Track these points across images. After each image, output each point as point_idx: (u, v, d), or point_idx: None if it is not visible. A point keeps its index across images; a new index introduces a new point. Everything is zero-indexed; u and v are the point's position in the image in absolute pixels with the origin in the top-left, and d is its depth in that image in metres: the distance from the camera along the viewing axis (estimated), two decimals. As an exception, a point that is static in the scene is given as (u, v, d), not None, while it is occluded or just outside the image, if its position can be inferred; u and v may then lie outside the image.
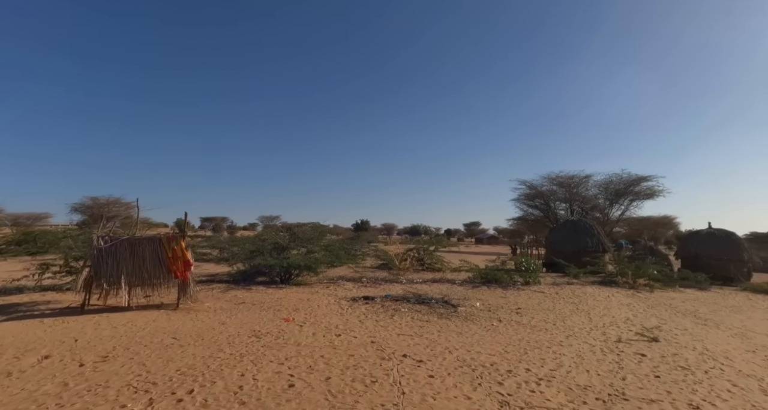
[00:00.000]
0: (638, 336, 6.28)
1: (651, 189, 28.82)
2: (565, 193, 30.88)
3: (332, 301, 8.79)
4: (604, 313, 8.16)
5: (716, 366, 4.96)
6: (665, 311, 8.74)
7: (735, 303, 10.48)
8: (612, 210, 30.16)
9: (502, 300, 9.34)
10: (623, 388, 4.06)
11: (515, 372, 4.44)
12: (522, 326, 6.81)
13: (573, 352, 5.30)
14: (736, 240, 16.61)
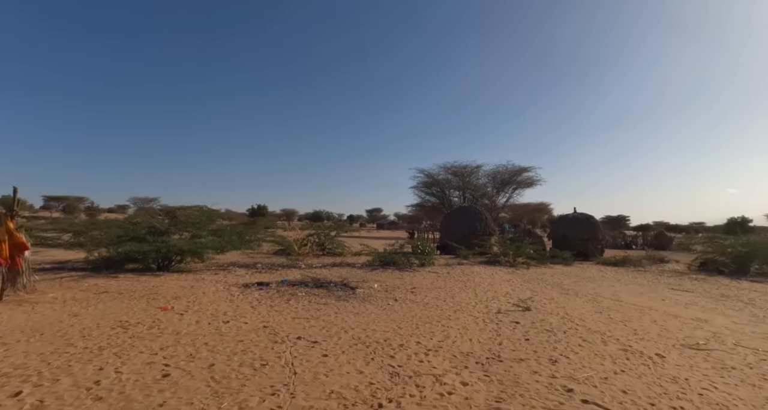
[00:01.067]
0: (514, 307, 7.19)
1: (531, 178, 33.43)
2: (458, 182, 33.94)
3: (221, 288, 8.19)
4: (488, 289, 9.17)
5: (573, 327, 5.94)
6: (538, 284, 10.19)
7: (590, 274, 12.73)
8: (498, 198, 34.18)
9: (399, 281, 9.84)
10: (499, 352, 4.60)
11: (407, 345, 4.71)
12: (416, 304, 7.25)
13: (459, 324, 5.84)
14: (594, 223, 20.16)
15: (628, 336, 5.46)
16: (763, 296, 9.26)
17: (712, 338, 5.51)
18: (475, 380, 3.71)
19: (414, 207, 40.51)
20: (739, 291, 10.00)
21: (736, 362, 4.50)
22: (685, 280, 11.92)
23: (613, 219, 52.05)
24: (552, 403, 3.27)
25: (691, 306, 7.97)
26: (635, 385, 3.72)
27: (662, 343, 5.18)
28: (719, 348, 5.05)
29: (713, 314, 7.20)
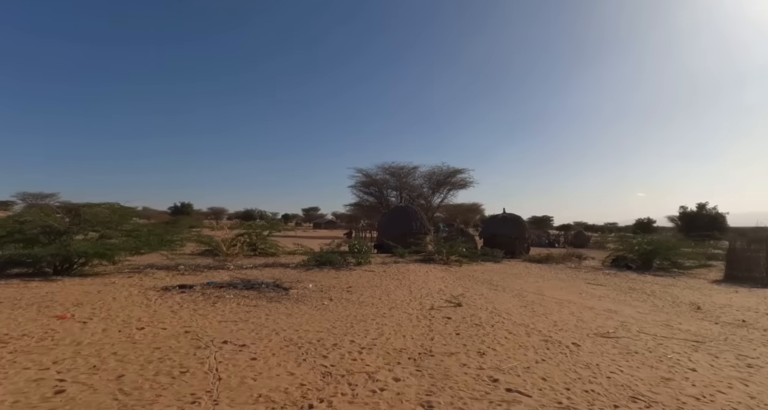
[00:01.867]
0: (447, 304, 7.49)
1: (464, 180, 35.31)
2: (396, 182, 34.82)
3: (135, 292, 7.48)
4: (423, 286, 9.45)
5: (500, 321, 6.33)
6: (469, 281, 10.72)
7: (517, 271, 13.68)
8: (434, 198, 35.59)
9: (334, 281, 9.77)
10: (431, 347, 4.76)
11: (340, 344, 4.68)
12: (351, 303, 7.25)
13: (394, 322, 5.94)
14: (521, 222, 21.68)
15: (549, 328, 5.95)
16: (662, 288, 10.64)
17: (620, 327, 6.20)
18: (408, 375, 3.80)
19: (352, 206, 40.72)
20: (644, 284, 11.38)
21: (639, 347, 5.10)
22: (599, 275, 13.30)
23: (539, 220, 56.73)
24: (479, 393, 3.45)
25: (603, 298, 8.90)
26: (554, 372, 4.06)
27: (578, 333, 5.72)
28: (626, 335, 5.70)
29: (622, 305, 8.11)
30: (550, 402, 3.35)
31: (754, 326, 6.50)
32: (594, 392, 3.59)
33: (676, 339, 5.54)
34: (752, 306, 8.27)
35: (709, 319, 6.96)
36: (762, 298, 9.39)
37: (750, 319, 7.00)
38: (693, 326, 6.38)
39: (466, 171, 35.16)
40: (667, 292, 9.91)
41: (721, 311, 7.72)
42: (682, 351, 4.94)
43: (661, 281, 12.15)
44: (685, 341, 5.44)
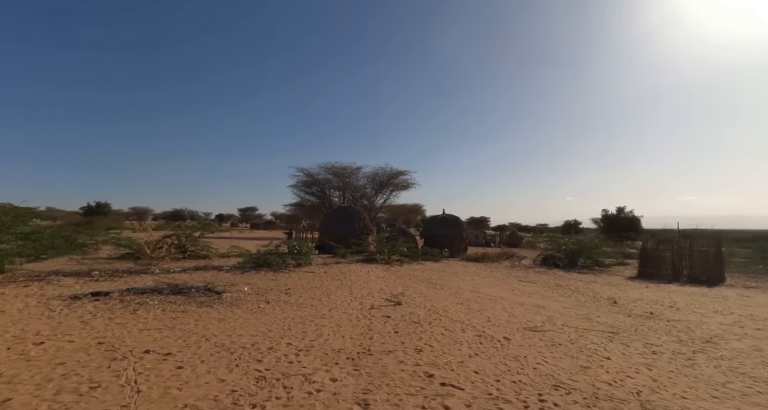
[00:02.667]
0: (387, 303, 7.62)
1: (407, 181, 36.14)
2: (339, 182, 34.77)
3: (34, 303, 6.69)
4: (363, 286, 9.52)
5: (437, 318, 6.57)
6: (409, 280, 10.98)
7: (455, 270, 14.24)
8: (377, 199, 35.98)
9: (272, 283, 9.51)
10: (370, 346, 4.83)
11: (276, 347, 4.59)
12: (290, 305, 7.11)
13: (333, 322, 5.93)
14: (460, 223, 22.61)
15: (482, 324, 6.29)
16: (585, 285, 11.66)
17: (546, 321, 6.71)
18: (345, 375, 3.82)
19: (293, 206, 39.89)
20: (569, 281, 12.40)
21: (563, 339, 5.57)
22: (530, 273, 14.27)
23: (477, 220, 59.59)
24: (414, 389, 3.57)
25: (533, 295, 9.57)
26: (486, 365, 4.31)
27: (509, 328, 6.11)
28: (551, 328, 6.18)
29: (549, 301, 8.78)
30: (481, 393, 3.55)
31: (660, 317, 7.37)
32: (521, 382, 3.87)
33: (595, 331, 6.12)
34: (659, 300, 9.37)
35: (624, 312, 7.77)
36: (667, 293, 10.66)
37: (656, 311, 7.92)
38: (610, 319, 7.09)
39: (408, 173, 36.17)
40: (589, 288, 10.90)
41: (634, 305, 8.66)
42: (599, 342, 5.47)
43: (584, 278, 13.31)
44: (602, 332, 6.03)
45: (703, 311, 7.98)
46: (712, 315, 7.64)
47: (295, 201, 37.79)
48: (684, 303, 8.84)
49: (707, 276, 13.19)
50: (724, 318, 7.29)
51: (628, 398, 3.56)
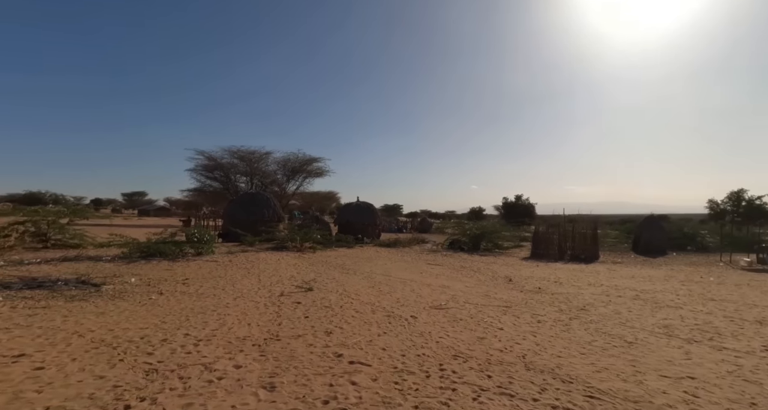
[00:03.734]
0: (298, 289, 7.56)
1: (321, 168, 35.56)
2: (246, 167, 32.88)
3: None
4: (273, 274, 9.29)
5: (349, 301, 6.71)
6: (322, 267, 10.98)
7: (368, 255, 14.59)
8: (289, 185, 34.89)
9: (166, 273, 8.80)
10: (278, 332, 4.77)
11: (172, 339, 4.30)
12: (188, 295, 6.66)
13: (238, 311, 5.72)
14: (373, 210, 23.10)
15: (392, 305, 6.59)
16: (486, 266, 12.79)
17: (450, 299, 7.25)
18: (250, 361, 3.74)
19: (192, 191, 36.67)
20: (472, 263, 13.50)
21: (464, 315, 6.08)
22: (438, 256, 15.22)
23: (390, 208, 61.45)
24: (323, 369, 3.64)
25: (440, 276, 10.25)
26: (393, 342, 4.55)
27: (417, 307, 6.49)
28: (455, 306, 6.71)
29: (454, 281, 9.48)
30: (387, 368, 3.75)
31: (546, 291, 8.43)
32: (425, 355, 4.17)
33: (492, 306, 6.79)
34: (546, 276, 10.69)
35: (517, 289, 8.72)
36: (553, 270, 12.22)
37: (543, 286, 9.04)
38: (505, 295, 7.91)
39: (322, 160, 35.51)
40: (489, 269, 12.00)
41: (526, 281, 9.76)
42: (494, 315, 6.09)
43: (485, 260, 14.62)
44: (498, 307, 6.72)
45: (580, 284, 9.32)
46: (587, 287, 8.97)
47: (195, 186, 34.86)
48: (566, 279, 10.22)
49: (585, 254, 15.39)
50: (595, 290, 8.61)
51: (516, 361, 4.06)
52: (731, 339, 5.04)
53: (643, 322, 5.80)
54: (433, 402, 3.08)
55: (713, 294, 8.27)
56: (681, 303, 7.24)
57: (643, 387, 3.45)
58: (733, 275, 11.22)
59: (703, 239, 19.32)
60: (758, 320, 6.05)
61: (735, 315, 6.34)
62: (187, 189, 36.61)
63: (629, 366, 3.96)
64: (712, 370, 3.91)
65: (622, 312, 6.43)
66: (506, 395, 3.25)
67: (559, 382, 3.53)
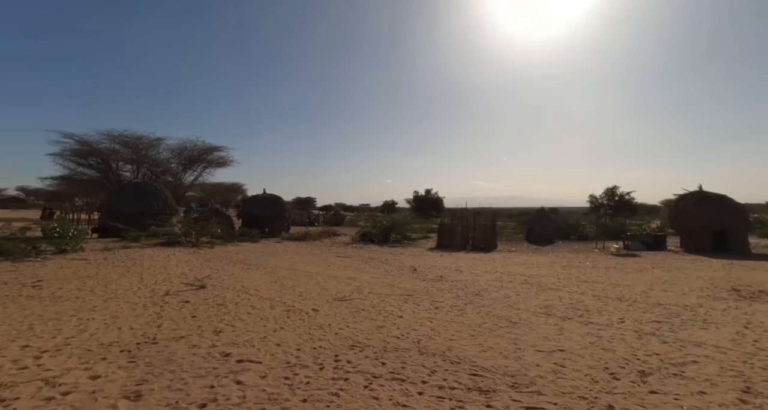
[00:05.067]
0: (187, 287, 6.97)
1: (223, 158, 33.35)
2: (131, 154, 29.41)
3: None
4: (160, 272, 8.46)
5: (246, 298, 6.36)
6: (220, 262, 10.30)
7: (275, 250, 14.06)
8: (185, 176, 32.10)
9: (8, 275, 7.55)
10: (156, 334, 4.32)
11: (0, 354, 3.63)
12: (38, 300, 5.76)
13: (108, 314, 5.08)
14: (282, 203, 22.34)
15: (294, 299, 6.40)
16: (394, 256, 13.10)
17: (355, 291, 7.28)
18: (114, 370, 3.31)
19: (58, 180, 31.65)
20: (381, 254, 13.75)
21: (366, 305, 6.13)
22: (348, 249, 15.25)
23: (303, 200, 60.27)
24: (205, 370, 3.36)
25: (347, 268, 10.25)
26: (289, 338, 4.39)
27: (319, 300, 6.39)
28: (359, 297, 6.74)
29: (361, 273, 9.55)
30: (279, 363, 3.60)
31: (446, 279, 8.89)
32: (321, 347, 4.10)
33: (395, 295, 6.96)
34: (449, 265, 11.31)
35: (420, 278, 9.07)
36: (456, 259, 12.97)
37: (445, 275, 9.53)
38: (408, 284, 8.17)
39: (224, 149, 33.13)
40: (397, 259, 12.34)
41: (429, 270, 10.20)
42: (396, 304, 6.24)
43: (394, 251, 15.01)
44: (401, 296, 6.91)
45: (477, 272, 10.02)
46: (483, 274, 9.67)
47: (63, 173, 30.09)
48: (466, 267, 10.92)
49: (485, 244, 16.64)
50: (490, 276, 9.32)
51: (410, 347, 4.18)
52: (596, 314, 5.79)
53: (528, 304, 6.41)
54: (323, 393, 3.02)
55: (587, 276, 9.46)
56: (561, 286, 8.15)
57: (520, 362, 3.78)
58: (605, 260, 12.99)
59: (583, 229, 22.11)
60: (618, 297, 7.06)
61: (602, 294, 7.32)
62: (51, 176, 31.47)
63: (511, 344, 4.32)
64: (578, 343, 4.43)
65: (511, 296, 7.04)
66: (397, 380, 3.32)
67: (448, 364, 3.71)
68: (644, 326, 5.17)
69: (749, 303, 6.67)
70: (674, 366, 3.74)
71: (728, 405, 3.00)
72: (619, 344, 4.40)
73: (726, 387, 3.31)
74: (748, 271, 10.25)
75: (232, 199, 54.88)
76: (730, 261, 12.30)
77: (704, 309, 6.18)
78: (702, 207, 16.13)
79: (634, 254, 14.59)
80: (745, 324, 5.33)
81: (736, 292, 7.52)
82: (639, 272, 10.27)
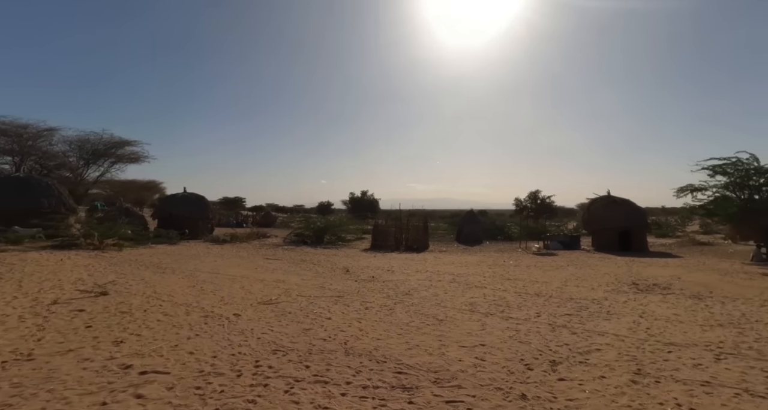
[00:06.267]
0: (84, 294, 6.29)
1: (136, 153, 30.63)
2: (11, 144, 25.97)
3: None
4: (48, 278, 7.53)
5: (157, 304, 5.88)
6: (129, 266, 9.44)
7: (195, 252, 13.21)
8: (88, 171, 29.08)
9: None
10: (34, 349, 3.87)
11: None
12: None
13: (-31, 330, 4.40)
14: (205, 202, 21.07)
15: (213, 304, 6.04)
16: (326, 258, 12.91)
17: (283, 293, 7.05)
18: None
19: None
20: (314, 256, 13.49)
21: (294, 308, 5.96)
22: (279, 251, 14.77)
23: (231, 200, 57.43)
24: (98, 386, 3.03)
25: (276, 271, 9.92)
26: (205, 345, 4.12)
27: (243, 304, 6.10)
28: (286, 300, 6.53)
29: (291, 275, 9.28)
30: (191, 373, 3.36)
31: (378, 279, 8.94)
32: (241, 353, 3.89)
33: (325, 297, 6.85)
34: (381, 266, 11.39)
35: (353, 278, 9.02)
36: (389, 260, 13.10)
37: (377, 275, 9.58)
38: (340, 285, 8.09)
39: (137, 143, 30.29)
40: (329, 261, 12.19)
41: (362, 271, 10.20)
42: (325, 306, 6.14)
43: (327, 252, 14.82)
44: (331, 297, 6.81)
45: (409, 272, 10.20)
46: (414, 274, 9.87)
47: None
48: (398, 267, 11.07)
49: (418, 245, 17.02)
50: (421, 276, 9.53)
51: (337, 348, 4.12)
52: (516, 310, 6.15)
53: (454, 302, 6.63)
54: (238, 401, 2.86)
55: (510, 274, 10.04)
56: (486, 284, 8.56)
57: (444, 358, 3.88)
58: (527, 258, 13.88)
59: (509, 230, 23.50)
60: (537, 293, 7.57)
61: (522, 291, 7.80)
62: None
63: (436, 341, 4.43)
64: (498, 337, 4.66)
65: (439, 294, 7.24)
66: (320, 382, 3.25)
67: (374, 363, 3.70)
68: (557, 319, 5.58)
69: (645, 295, 7.48)
70: (580, 355, 4.07)
71: (622, 386, 3.32)
72: (535, 337, 4.70)
73: (622, 370, 3.67)
74: (646, 267, 11.50)
75: (147, 198, 50.76)
76: (632, 258, 13.68)
77: (608, 301, 6.83)
78: (610, 210, 17.69)
79: (552, 253, 15.76)
80: (640, 313, 5.98)
81: (635, 286, 8.41)
82: (556, 269, 11.11)
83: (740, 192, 13.23)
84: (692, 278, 9.25)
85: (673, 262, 12.63)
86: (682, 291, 7.77)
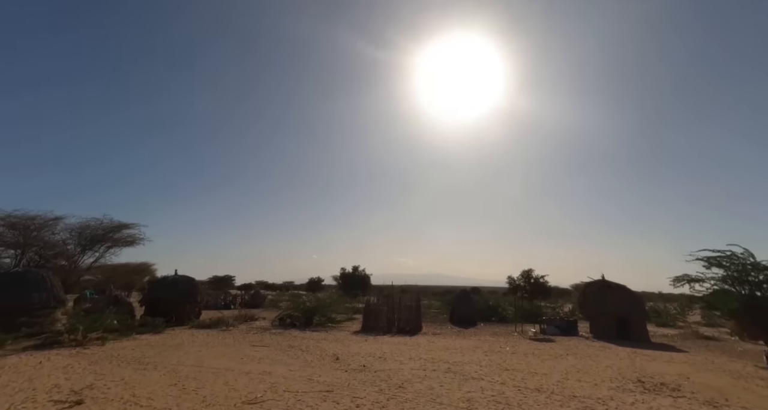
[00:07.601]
0: (57, 405, 5.82)
1: (133, 236, 30.39)
2: (17, 237, 25.64)
3: None
4: (22, 388, 6.78)
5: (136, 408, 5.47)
6: (110, 364, 8.86)
7: (180, 341, 12.52)
8: (83, 258, 28.51)
9: None
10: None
11: None
12: None
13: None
14: (194, 284, 20.44)
15: (195, 406, 5.66)
16: (315, 343, 12.33)
17: (269, 389, 6.64)
18: None
19: None
20: (302, 341, 12.90)
21: (280, 407, 5.62)
22: (266, 336, 14.11)
23: (220, 279, 56.22)
24: None
25: (263, 360, 9.40)
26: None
27: (227, 404, 5.73)
28: (272, 397, 6.14)
29: (277, 365, 8.79)
30: None
31: (370, 368, 8.50)
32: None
33: (313, 392, 6.45)
34: (373, 352, 10.88)
35: (342, 368, 8.57)
36: (380, 344, 12.56)
37: (368, 363, 9.12)
38: (329, 376, 7.66)
39: (135, 226, 30.10)
40: (318, 347, 11.63)
41: (352, 359, 9.71)
42: (313, 404, 5.78)
43: (316, 336, 14.19)
44: (319, 392, 6.43)
45: (402, 359, 9.74)
46: (408, 361, 9.42)
47: None
48: (390, 353, 10.58)
49: (410, 326, 16.44)
50: (414, 364, 9.09)
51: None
52: (516, 407, 5.82)
53: (450, 397, 6.28)
54: None
55: (508, 364, 9.57)
56: (483, 374, 8.15)
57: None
58: (523, 344, 13.32)
59: (504, 311, 22.88)
60: (537, 387, 7.19)
61: (521, 384, 7.42)
62: None
63: (431, 449, 4.11)
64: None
65: (435, 387, 6.87)
66: None
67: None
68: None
69: (653, 396, 6.97)
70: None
71: None
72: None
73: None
74: (650, 361, 10.84)
75: (137, 282, 49.40)
76: (634, 349, 12.93)
77: (615, 402, 6.38)
78: (605, 295, 17.07)
79: (549, 339, 15.14)
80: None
81: (641, 384, 7.88)
82: (555, 359, 10.64)
83: (740, 287, 12.27)
84: (702, 379, 8.62)
85: (678, 358, 11.84)
86: (694, 396, 7.12)
